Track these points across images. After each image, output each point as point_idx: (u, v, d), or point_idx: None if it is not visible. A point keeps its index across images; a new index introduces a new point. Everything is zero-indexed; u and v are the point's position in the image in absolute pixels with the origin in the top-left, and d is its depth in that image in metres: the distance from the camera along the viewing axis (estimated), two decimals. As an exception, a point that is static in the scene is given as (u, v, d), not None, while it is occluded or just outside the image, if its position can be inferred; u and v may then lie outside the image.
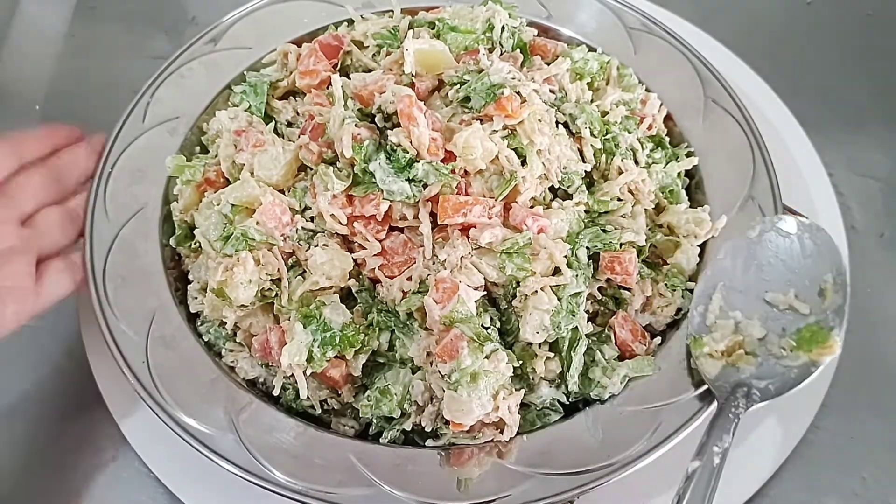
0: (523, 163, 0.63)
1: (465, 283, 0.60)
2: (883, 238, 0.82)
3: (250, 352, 0.64)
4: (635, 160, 0.71)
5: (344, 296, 0.65)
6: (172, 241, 0.70)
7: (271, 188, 0.65)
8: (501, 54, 0.71)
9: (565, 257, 0.62)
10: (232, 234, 0.62)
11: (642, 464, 0.57)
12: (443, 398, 0.58)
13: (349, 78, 0.68)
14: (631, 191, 0.69)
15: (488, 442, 0.60)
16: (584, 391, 0.62)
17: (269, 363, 0.63)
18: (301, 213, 0.65)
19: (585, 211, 0.67)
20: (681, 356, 0.63)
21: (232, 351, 0.65)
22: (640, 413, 0.60)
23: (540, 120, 0.64)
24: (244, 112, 0.73)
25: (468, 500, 0.57)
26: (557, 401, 0.63)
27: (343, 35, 0.76)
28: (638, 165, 0.70)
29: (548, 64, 0.72)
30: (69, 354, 0.73)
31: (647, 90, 0.76)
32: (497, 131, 0.63)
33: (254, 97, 0.74)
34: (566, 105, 0.70)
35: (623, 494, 0.63)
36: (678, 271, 0.67)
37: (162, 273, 0.67)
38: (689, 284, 0.67)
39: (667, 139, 0.75)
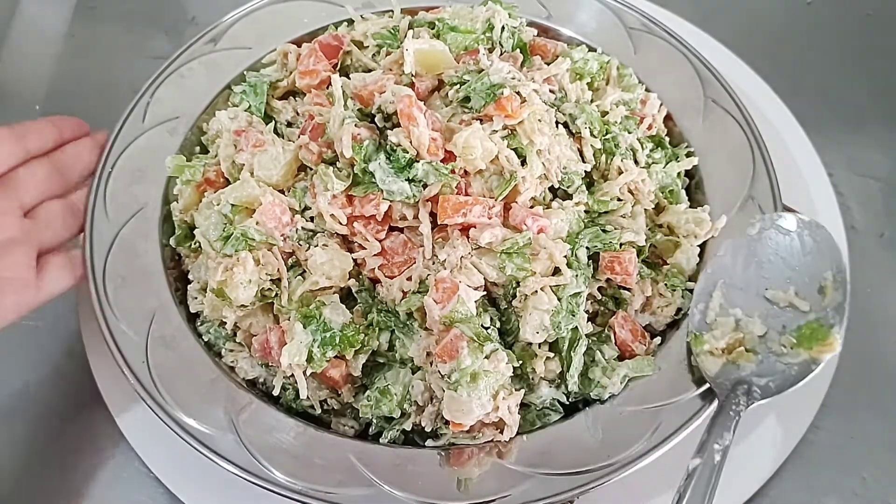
0: (523, 163, 0.63)
1: (465, 283, 0.60)
2: (883, 238, 0.82)
3: (250, 352, 0.64)
4: (635, 160, 0.71)
5: (344, 296, 0.65)
6: (172, 241, 0.70)
7: (271, 188, 0.65)
8: (501, 54, 0.71)
9: (565, 257, 0.62)
10: (232, 234, 0.62)
11: (642, 464, 0.57)
12: (443, 398, 0.58)
13: (349, 78, 0.68)
14: (631, 191, 0.69)
15: (488, 442, 0.60)
16: (584, 391, 0.62)
17: (269, 363, 0.63)
18: (301, 213, 0.65)
19: (585, 211, 0.67)
20: (681, 356, 0.63)
21: (232, 351, 0.65)
22: (640, 413, 0.60)
23: (540, 120, 0.64)
24: (244, 112, 0.73)
25: (468, 500, 0.57)
26: (557, 401, 0.63)
27: (343, 35, 0.76)
28: (638, 165, 0.70)
29: (548, 64, 0.72)
30: (69, 354, 0.73)
31: (647, 90, 0.76)
32: (497, 131, 0.63)
33: (254, 97, 0.74)
34: (566, 105, 0.70)
35: (623, 494, 0.63)
36: (678, 271, 0.67)
37: (162, 273, 0.67)
38: (689, 284, 0.67)
39: (667, 139, 0.75)
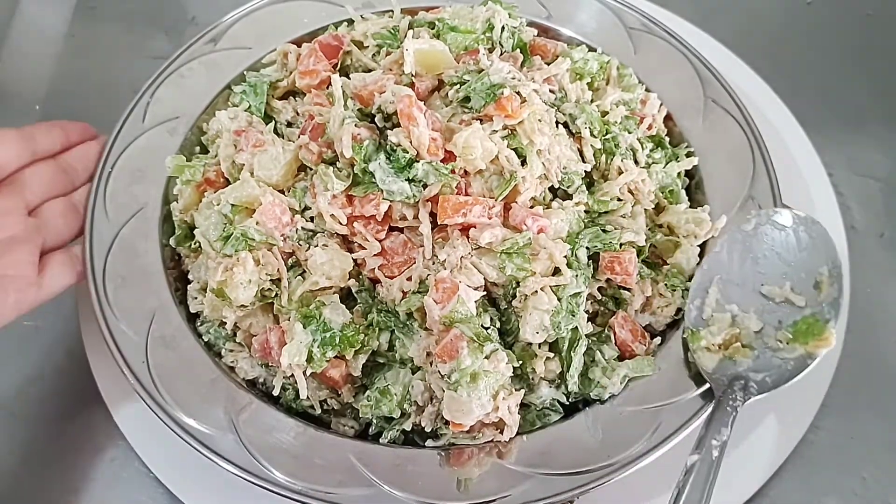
0: (523, 163, 0.63)
1: (465, 283, 0.60)
2: (883, 238, 0.82)
3: (250, 352, 0.64)
4: (635, 160, 0.71)
5: (344, 296, 0.65)
6: (172, 241, 0.70)
7: (271, 188, 0.65)
8: (501, 54, 0.71)
9: (565, 257, 0.62)
10: (232, 234, 0.62)
11: (642, 464, 0.57)
12: (443, 398, 0.58)
13: (349, 78, 0.68)
14: (631, 191, 0.69)
15: (488, 442, 0.60)
16: (584, 391, 0.62)
17: (269, 363, 0.63)
18: (301, 213, 0.65)
19: (585, 211, 0.67)
20: (680, 355, 0.63)
21: (232, 351, 0.65)
22: (640, 413, 0.60)
23: (540, 120, 0.64)
24: (244, 112, 0.73)
25: (468, 501, 0.57)
26: (557, 401, 0.63)
27: (343, 35, 0.76)
28: (638, 165, 0.70)
29: (548, 64, 0.72)
30: (69, 354, 0.73)
31: (647, 90, 0.76)
32: (497, 131, 0.63)
33: (254, 97, 0.74)
34: (566, 105, 0.70)
35: (623, 494, 0.63)
36: (678, 271, 0.67)
37: (162, 273, 0.67)
38: (689, 284, 0.67)
39: (667, 139, 0.75)
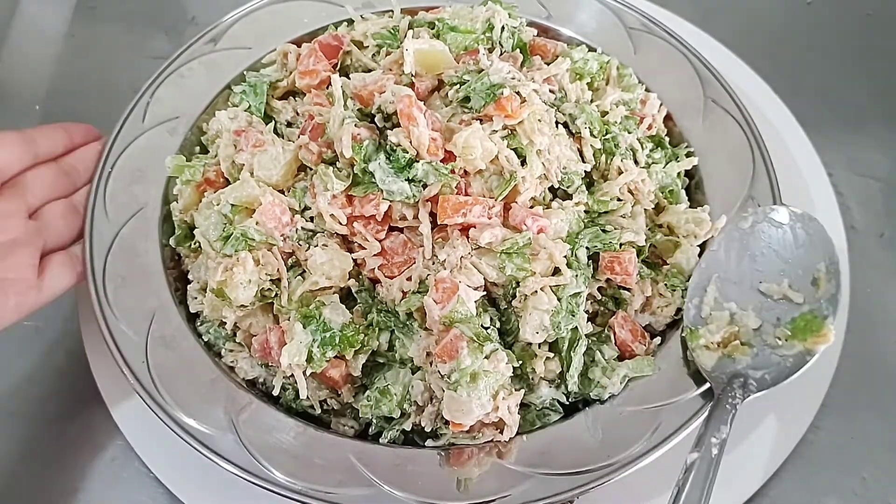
0: (523, 163, 0.63)
1: (465, 283, 0.60)
2: (883, 238, 0.82)
3: (250, 352, 0.64)
4: (635, 160, 0.71)
5: (344, 296, 0.65)
6: (172, 241, 0.70)
7: (271, 188, 0.65)
8: (501, 54, 0.71)
9: (565, 257, 0.62)
10: (232, 234, 0.62)
11: (642, 464, 0.57)
12: (442, 398, 0.58)
13: (349, 78, 0.68)
14: (631, 191, 0.69)
15: (488, 442, 0.60)
16: (584, 391, 0.62)
17: (269, 363, 0.63)
18: (301, 213, 0.65)
19: (585, 211, 0.67)
20: (680, 354, 0.63)
21: (232, 351, 0.65)
22: (640, 413, 0.60)
23: (540, 120, 0.64)
24: (244, 112, 0.73)
25: (468, 500, 0.57)
26: (557, 401, 0.63)
27: (343, 35, 0.76)
28: (638, 165, 0.70)
29: (548, 64, 0.72)
30: (69, 354, 0.73)
31: (647, 90, 0.76)
32: (497, 131, 0.63)
33: (253, 97, 0.74)
34: (566, 105, 0.70)
35: (623, 494, 0.63)
36: (678, 271, 0.67)
37: (162, 273, 0.67)
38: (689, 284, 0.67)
39: (667, 139, 0.75)
